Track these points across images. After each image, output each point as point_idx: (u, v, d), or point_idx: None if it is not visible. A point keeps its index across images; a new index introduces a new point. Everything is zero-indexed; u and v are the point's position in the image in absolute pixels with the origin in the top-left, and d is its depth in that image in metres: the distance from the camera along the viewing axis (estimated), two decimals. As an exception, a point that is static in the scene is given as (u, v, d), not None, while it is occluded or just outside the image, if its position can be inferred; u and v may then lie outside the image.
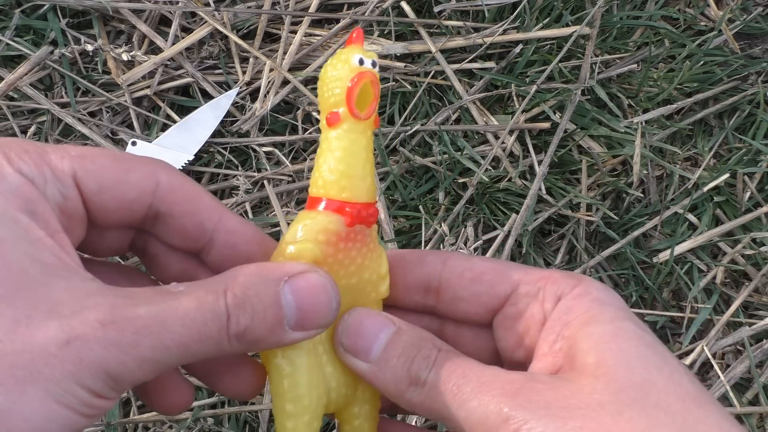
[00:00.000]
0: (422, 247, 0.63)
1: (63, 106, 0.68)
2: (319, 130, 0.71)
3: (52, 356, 0.22)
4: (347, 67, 0.28)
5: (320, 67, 0.70)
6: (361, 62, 0.28)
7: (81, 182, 0.26)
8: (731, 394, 0.61)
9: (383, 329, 0.29)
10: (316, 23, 0.72)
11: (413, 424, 0.54)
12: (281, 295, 0.26)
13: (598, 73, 0.71)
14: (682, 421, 0.25)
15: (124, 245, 0.30)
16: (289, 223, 0.65)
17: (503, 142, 0.68)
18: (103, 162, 0.27)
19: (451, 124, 0.69)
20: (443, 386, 0.27)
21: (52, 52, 0.68)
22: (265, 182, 0.66)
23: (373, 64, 0.28)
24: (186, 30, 0.71)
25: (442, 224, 0.64)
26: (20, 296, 0.22)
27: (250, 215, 0.65)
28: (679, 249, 0.66)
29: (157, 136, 0.67)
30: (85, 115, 0.67)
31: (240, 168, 0.67)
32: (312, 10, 0.71)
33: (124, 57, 0.68)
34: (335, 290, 0.28)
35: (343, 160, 0.28)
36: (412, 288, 0.32)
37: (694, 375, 0.28)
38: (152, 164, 0.28)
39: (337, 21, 0.71)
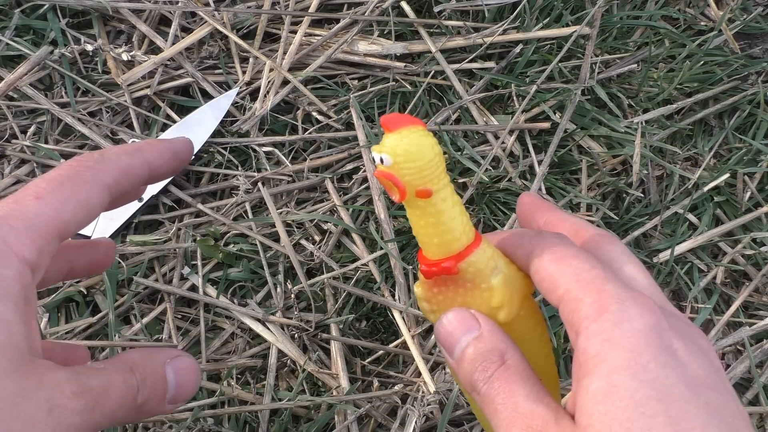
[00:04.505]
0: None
1: (63, 106, 0.68)
2: (318, 130, 0.71)
3: (39, 422, 0.27)
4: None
5: (320, 66, 0.70)
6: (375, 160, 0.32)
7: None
8: (731, 394, 0.61)
9: (467, 333, 0.32)
10: (316, 23, 0.72)
11: None
12: (167, 374, 0.33)
13: (598, 73, 0.71)
14: None
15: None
16: (285, 224, 0.65)
17: (503, 142, 0.68)
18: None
19: (451, 124, 0.69)
20: (490, 403, 0.30)
21: (51, 52, 0.68)
22: (260, 184, 0.66)
23: (381, 161, 0.31)
24: (186, 30, 0.71)
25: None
26: (19, 372, 0.27)
27: (250, 215, 0.65)
28: (679, 249, 0.66)
29: (157, 136, 0.67)
30: (85, 115, 0.67)
31: (240, 168, 0.67)
32: (312, 10, 0.71)
33: (124, 57, 0.68)
34: (199, 370, 0.35)
35: (413, 230, 0.34)
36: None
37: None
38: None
39: (337, 21, 0.71)
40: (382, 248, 0.63)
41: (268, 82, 0.69)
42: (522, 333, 0.34)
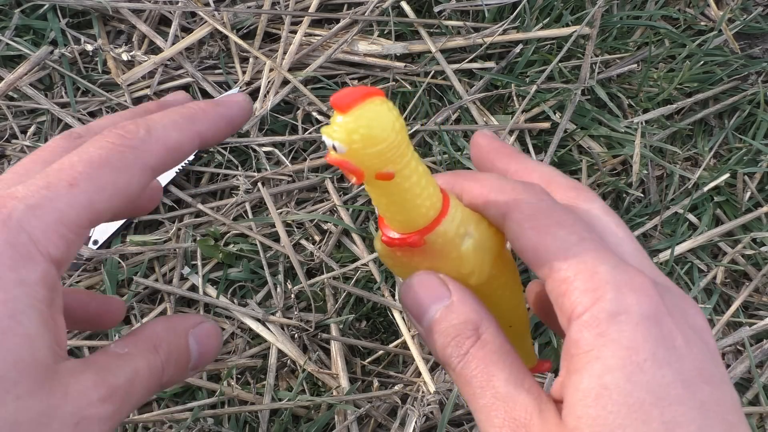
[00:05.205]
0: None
1: (63, 106, 0.68)
2: (318, 130, 0.71)
3: None
4: None
5: (320, 66, 0.70)
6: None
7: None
8: (731, 394, 0.61)
9: (436, 302, 0.29)
10: (316, 23, 0.72)
11: None
12: (190, 344, 0.32)
13: (598, 73, 0.71)
14: None
15: None
16: (285, 224, 0.65)
17: (503, 142, 0.68)
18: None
19: (451, 124, 0.69)
20: (466, 385, 0.28)
21: (51, 52, 0.68)
22: (260, 184, 0.66)
23: (334, 148, 0.26)
24: (186, 30, 0.71)
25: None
26: (44, 389, 0.26)
27: (250, 215, 0.65)
28: (680, 249, 0.66)
29: (157, 136, 0.67)
30: (85, 115, 0.67)
31: (240, 168, 0.67)
32: (312, 10, 0.71)
33: (124, 57, 0.68)
34: (221, 333, 0.34)
35: (375, 206, 0.32)
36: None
37: None
38: None
39: (337, 21, 0.71)
40: (382, 248, 0.63)
41: (268, 82, 0.69)
42: (494, 289, 0.31)
